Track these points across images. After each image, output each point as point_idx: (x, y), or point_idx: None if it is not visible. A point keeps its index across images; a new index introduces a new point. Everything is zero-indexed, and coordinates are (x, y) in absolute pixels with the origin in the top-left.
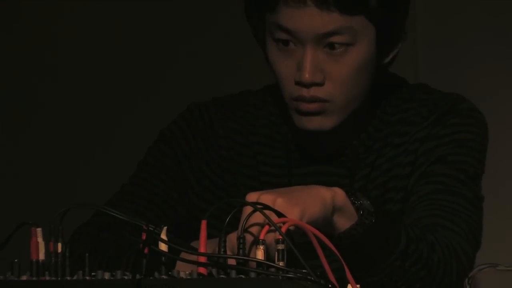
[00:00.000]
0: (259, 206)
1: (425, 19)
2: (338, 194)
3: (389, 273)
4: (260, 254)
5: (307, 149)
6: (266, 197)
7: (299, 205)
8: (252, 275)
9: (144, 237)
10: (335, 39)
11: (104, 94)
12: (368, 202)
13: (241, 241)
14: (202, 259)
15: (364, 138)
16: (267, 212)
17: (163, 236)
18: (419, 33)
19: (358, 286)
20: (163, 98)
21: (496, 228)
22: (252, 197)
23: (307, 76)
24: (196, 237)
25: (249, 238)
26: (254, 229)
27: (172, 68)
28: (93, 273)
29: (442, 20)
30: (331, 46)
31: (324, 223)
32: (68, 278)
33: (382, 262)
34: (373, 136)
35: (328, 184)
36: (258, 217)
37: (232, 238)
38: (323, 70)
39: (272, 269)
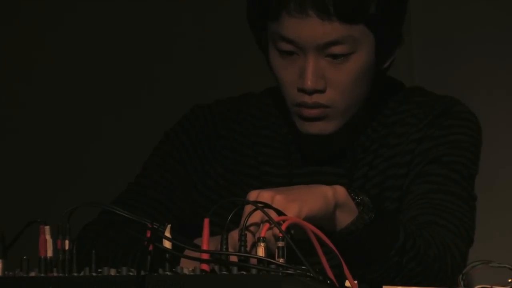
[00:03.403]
0: (260, 205)
1: (420, 22)
2: (339, 191)
3: (388, 269)
4: (261, 251)
5: (307, 150)
6: (265, 194)
7: (296, 201)
8: (253, 271)
9: (149, 234)
10: (336, 49)
11: (110, 96)
12: (367, 198)
13: (243, 238)
14: (205, 256)
15: (362, 139)
16: (268, 210)
17: (167, 233)
18: (414, 35)
19: (355, 282)
20: (167, 100)
21: (489, 226)
22: (252, 195)
23: (309, 83)
24: (199, 235)
25: (250, 236)
26: (255, 227)
27: (177, 70)
28: (99, 270)
29: (437, 21)
30: (333, 55)
31: (326, 219)
32: (75, 274)
33: (381, 258)
34: (371, 137)
35: (328, 183)
36: (259, 215)
37: (234, 235)
38: (325, 77)
39: (273, 266)
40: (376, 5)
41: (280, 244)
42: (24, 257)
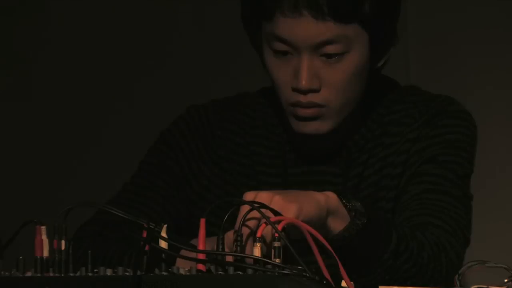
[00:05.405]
0: (256, 205)
1: (416, 20)
2: (330, 198)
3: (382, 271)
4: (257, 251)
5: (302, 149)
6: (263, 195)
7: (296, 202)
8: (249, 271)
9: (145, 234)
10: (331, 49)
11: (106, 97)
12: (359, 203)
13: (239, 238)
14: (201, 256)
15: (357, 139)
16: (264, 210)
17: (163, 234)
18: (410, 34)
19: (352, 283)
20: (163, 100)
21: (486, 225)
22: (249, 195)
23: (304, 83)
24: (196, 235)
25: (246, 236)
26: (251, 227)
27: (173, 71)
28: (95, 270)
29: (433, 20)
30: (327, 55)
31: (319, 225)
32: (71, 274)
33: (375, 262)
34: (366, 136)
35: (323, 182)
36: (255, 216)
37: (230, 235)
38: (319, 76)
39: (269, 266)
40: (370, 5)
41: (277, 244)
42: (20, 257)
